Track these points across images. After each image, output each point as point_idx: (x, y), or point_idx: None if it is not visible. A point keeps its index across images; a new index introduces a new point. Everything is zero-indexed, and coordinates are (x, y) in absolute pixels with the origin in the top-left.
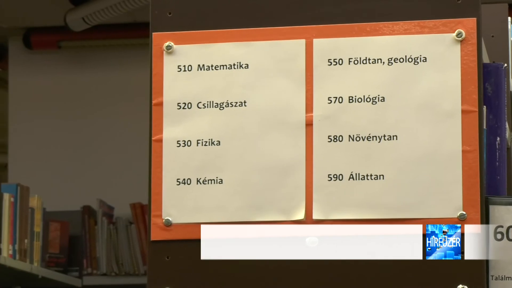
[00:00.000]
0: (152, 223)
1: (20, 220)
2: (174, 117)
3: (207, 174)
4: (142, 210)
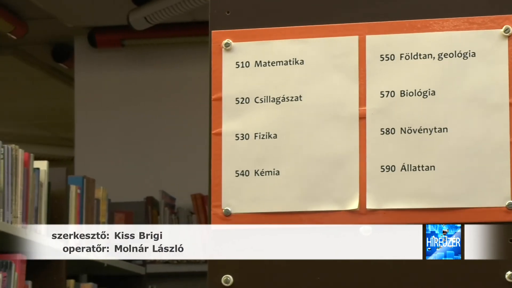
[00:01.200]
0: (212, 213)
1: (86, 211)
2: (233, 111)
3: (265, 166)
4: (202, 200)
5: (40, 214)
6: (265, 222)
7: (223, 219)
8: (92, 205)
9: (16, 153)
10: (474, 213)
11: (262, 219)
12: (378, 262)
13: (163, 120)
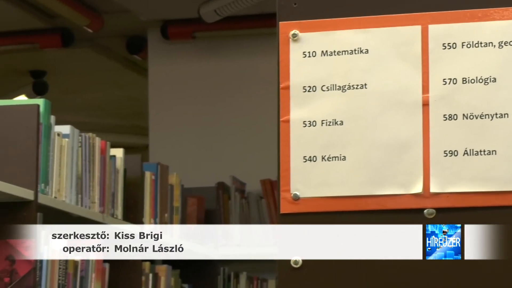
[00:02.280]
0: (281, 197)
1: (161, 196)
2: (300, 99)
3: (331, 152)
4: (271, 185)
5: (117, 200)
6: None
7: (291, 203)
8: (166, 191)
9: (93, 142)
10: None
11: (330, 203)
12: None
13: (233, 108)
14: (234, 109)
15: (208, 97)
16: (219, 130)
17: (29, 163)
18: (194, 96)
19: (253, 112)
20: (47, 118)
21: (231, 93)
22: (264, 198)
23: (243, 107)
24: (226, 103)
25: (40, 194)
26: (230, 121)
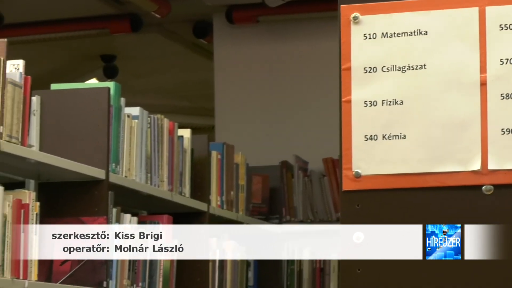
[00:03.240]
0: (343, 175)
1: (227, 175)
2: (361, 80)
3: (392, 131)
4: (333, 164)
5: (184, 178)
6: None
7: (353, 180)
8: (231, 169)
9: (161, 123)
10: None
11: (390, 180)
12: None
13: (295, 90)
14: (296, 90)
15: (271, 79)
16: (283, 110)
17: (100, 143)
18: (258, 78)
19: (315, 93)
20: (117, 101)
21: (293, 75)
22: (326, 176)
23: (305, 88)
24: (289, 84)
25: (111, 173)
26: (293, 102)
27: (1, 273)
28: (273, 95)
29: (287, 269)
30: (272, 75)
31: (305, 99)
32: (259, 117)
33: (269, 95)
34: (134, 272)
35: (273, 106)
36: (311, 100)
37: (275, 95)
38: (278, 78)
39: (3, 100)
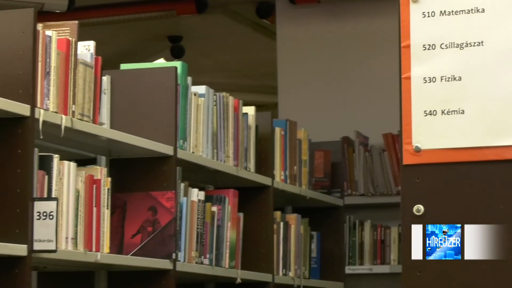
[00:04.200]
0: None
1: (290, 150)
2: (420, 57)
3: (450, 106)
4: (393, 139)
5: (249, 154)
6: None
7: (413, 154)
8: (294, 145)
9: (227, 100)
10: None
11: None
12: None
13: (356, 67)
14: (357, 68)
15: (332, 57)
16: (344, 87)
17: (168, 121)
18: (319, 56)
19: (375, 71)
20: (184, 79)
21: (354, 53)
22: (386, 151)
23: (365, 66)
24: (350, 62)
25: (179, 149)
26: (353, 79)
27: (74, 246)
28: (334, 73)
29: (349, 241)
30: (333, 54)
31: (365, 77)
32: (321, 94)
33: (330, 73)
34: (202, 244)
35: (334, 84)
36: (371, 78)
37: (336, 72)
38: (339, 56)
39: (75, 80)
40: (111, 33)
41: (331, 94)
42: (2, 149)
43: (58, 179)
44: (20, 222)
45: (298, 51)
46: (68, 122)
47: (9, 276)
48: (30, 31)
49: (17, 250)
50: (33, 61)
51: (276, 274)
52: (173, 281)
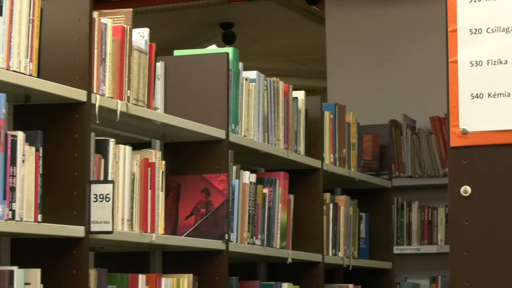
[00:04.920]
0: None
1: (339, 133)
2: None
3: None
4: (439, 122)
5: (299, 137)
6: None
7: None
8: (343, 128)
9: (277, 85)
10: None
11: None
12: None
13: (403, 52)
14: (404, 52)
15: (380, 42)
16: (391, 72)
17: (220, 105)
18: (367, 41)
19: (422, 55)
20: (235, 65)
21: (401, 37)
22: (433, 133)
23: (413, 50)
24: (397, 46)
25: (231, 133)
26: (401, 63)
27: (130, 227)
28: (382, 57)
29: (397, 221)
30: (381, 38)
31: (412, 61)
32: (369, 79)
33: (378, 57)
34: (254, 225)
35: (382, 68)
36: (419, 62)
37: (384, 57)
38: (387, 41)
39: (130, 66)
40: (165, 21)
41: (379, 78)
42: (60, 134)
43: (114, 162)
44: (78, 205)
45: (347, 36)
46: (124, 107)
47: (67, 256)
48: (86, 19)
49: (75, 231)
50: (90, 48)
51: (326, 254)
52: (226, 261)
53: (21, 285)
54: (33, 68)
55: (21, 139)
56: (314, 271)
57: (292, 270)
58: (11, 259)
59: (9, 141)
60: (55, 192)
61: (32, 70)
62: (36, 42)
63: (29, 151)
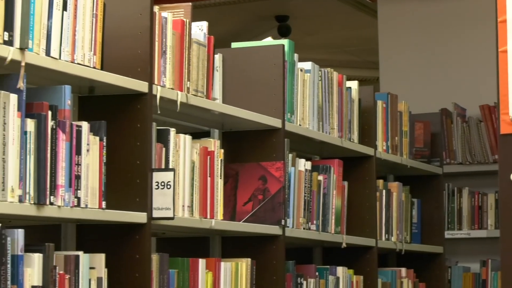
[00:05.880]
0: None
1: (391, 122)
2: None
3: None
4: (489, 110)
5: (353, 125)
6: None
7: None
8: (395, 117)
9: (331, 76)
10: None
11: None
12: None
13: (454, 41)
14: (455, 42)
15: (430, 32)
16: (442, 61)
17: (276, 96)
18: (418, 32)
19: (472, 45)
20: (291, 56)
21: (452, 28)
22: (483, 121)
23: (463, 40)
24: (448, 36)
25: (287, 122)
26: (451, 53)
27: (190, 213)
28: (433, 48)
29: (448, 207)
30: (431, 29)
31: (462, 51)
32: (420, 68)
33: (429, 48)
34: (309, 211)
35: (433, 58)
36: (468, 52)
37: (434, 47)
38: (437, 31)
39: (190, 58)
40: (222, 14)
41: (429, 68)
42: (122, 124)
43: (175, 151)
44: (140, 192)
45: (398, 27)
46: (184, 97)
47: (130, 242)
48: (147, 13)
49: (137, 217)
50: (151, 41)
51: (379, 238)
52: (283, 246)
53: (86, 270)
54: (96, 60)
55: (85, 129)
56: (368, 255)
57: (346, 254)
58: (76, 245)
59: (74, 131)
60: (118, 180)
61: (96, 63)
62: (100, 36)
63: (93, 141)
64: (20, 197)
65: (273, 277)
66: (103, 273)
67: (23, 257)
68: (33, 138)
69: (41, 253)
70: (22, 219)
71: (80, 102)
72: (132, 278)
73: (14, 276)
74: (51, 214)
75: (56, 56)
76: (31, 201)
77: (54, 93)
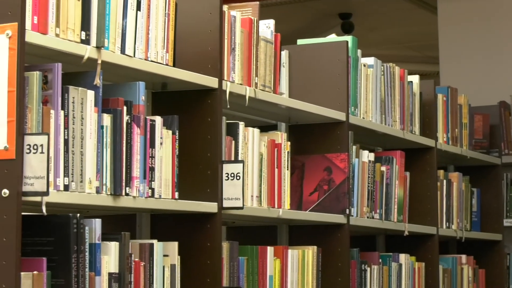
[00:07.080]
0: None
1: (451, 114)
2: None
3: None
4: None
5: (414, 118)
6: None
7: None
8: (455, 109)
9: (393, 70)
10: None
11: None
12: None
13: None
14: None
15: (489, 28)
16: (500, 55)
17: (341, 90)
18: (477, 28)
19: None
20: (354, 52)
21: (509, 23)
22: None
23: None
24: (506, 31)
25: (351, 115)
26: (509, 47)
27: (259, 203)
28: (491, 43)
29: (506, 196)
30: (490, 25)
31: None
32: (479, 63)
33: (487, 43)
34: (372, 201)
35: (491, 52)
36: None
37: (492, 43)
38: (496, 26)
39: (257, 55)
40: (288, 13)
41: (488, 62)
42: (194, 118)
43: (244, 144)
44: (211, 183)
45: (458, 23)
46: (252, 92)
47: (202, 230)
48: (217, 12)
49: (209, 207)
50: (220, 39)
51: (440, 227)
52: (347, 234)
53: (160, 257)
54: (169, 58)
55: (159, 123)
56: (429, 242)
57: (408, 242)
58: (151, 233)
59: (148, 125)
60: (190, 171)
61: (168, 60)
62: (172, 34)
63: (166, 134)
64: (97, 188)
65: (338, 264)
66: (176, 261)
67: (100, 245)
68: (109, 132)
69: (117, 242)
70: (99, 209)
71: (153, 98)
72: (204, 265)
73: (92, 264)
74: (126, 204)
75: (130, 54)
76: (107, 192)
77: (129, 89)
